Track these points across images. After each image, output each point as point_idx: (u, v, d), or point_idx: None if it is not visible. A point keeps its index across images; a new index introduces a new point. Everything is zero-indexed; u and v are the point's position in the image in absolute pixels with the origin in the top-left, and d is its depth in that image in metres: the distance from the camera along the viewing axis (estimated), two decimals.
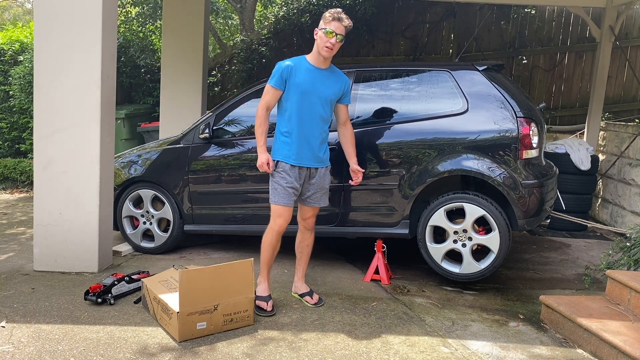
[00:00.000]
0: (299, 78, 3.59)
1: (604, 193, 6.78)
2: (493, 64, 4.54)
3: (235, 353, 3.10)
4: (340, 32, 3.58)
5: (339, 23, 3.57)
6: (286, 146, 3.63)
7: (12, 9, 19.16)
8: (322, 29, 3.59)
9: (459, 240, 4.12)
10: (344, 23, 3.59)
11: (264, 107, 3.64)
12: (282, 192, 3.63)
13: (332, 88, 3.69)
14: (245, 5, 10.46)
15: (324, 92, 3.65)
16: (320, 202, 3.83)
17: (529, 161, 4.11)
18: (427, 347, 3.24)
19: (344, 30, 3.60)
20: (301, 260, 3.98)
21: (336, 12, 3.60)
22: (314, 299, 3.90)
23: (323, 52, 3.59)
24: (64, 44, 4.14)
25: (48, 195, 4.26)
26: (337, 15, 3.59)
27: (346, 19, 3.61)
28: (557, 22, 9.03)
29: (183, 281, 3.19)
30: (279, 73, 3.60)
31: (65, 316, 3.50)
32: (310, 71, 3.63)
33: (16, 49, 8.91)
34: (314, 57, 3.66)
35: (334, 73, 3.75)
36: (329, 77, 3.70)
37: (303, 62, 3.66)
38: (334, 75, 3.73)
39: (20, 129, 8.80)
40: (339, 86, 3.73)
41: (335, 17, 3.58)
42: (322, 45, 3.56)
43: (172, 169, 4.81)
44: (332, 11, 3.62)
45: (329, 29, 3.55)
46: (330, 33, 3.55)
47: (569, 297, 3.83)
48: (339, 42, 3.59)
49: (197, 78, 7.17)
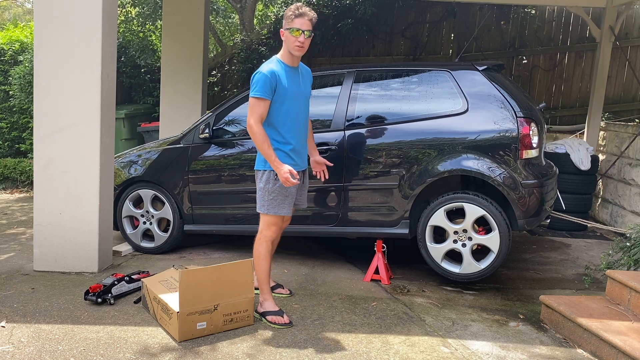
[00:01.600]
0: (284, 83, 3.43)
1: (604, 193, 6.78)
2: (493, 63, 4.54)
3: (235, 353, 3.10)
4: (306, 28, 3.39)
5: (302, 19, 3.38)
6: (285, 156, 3.48)
7: (12, 9, 19.17)
8: (287, 28, 3.41)
9: (459, 240, 4.12)
10: (307, 17, 3.39)
11: (259, 121, 3.37)
12: (284, 201, 3.51)
13: (308, 85, 3.69)
14: (245, 5, 10.46)
15: (305, 91, 3.63)
16: (305, 202, 3.82)
17: (529, 161, 4.11)
18: (427, 347, 3.24)
19: (309, 25, 3.40)
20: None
21: (297, 8, 3.40)
22: (286, 289, 3.98)
23: (295, 52, 3.43)
24: (64, 44, 4.14)
25: (48, 195, 4.26)
26: (299, 12, 3.38)
27: (309, 11, 3.41)
28: (557, 22, 9.03)
29: (183, 281, 3.19)
30: (267, 82, 3.35)
31: (65, 316, 3.50)
32: (290, 73, 3.49)
33: (16, 49, 8.91)
34: (287, 58, 3.49)
35: (304, 69, 3.69)
36: (303, 74, 3.65)
37: (281, 65, 3.47)
38: (305, 72, 3.69)
39: (20, 129, 8.80)
40: (310, 81, 3.71)
41: (297, 13, 3.38)
42: (292, 46, 3.41)
43: (172, 169, 4.81)
44: (293, 7, 3.41)
45: (294, 27, 3.39)
46: (297, 31, 3.37)
47: (569, 297, 3.83)
48: (307, 38, 3.43)
49: (197, 78, 7.17)
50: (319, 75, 4.79)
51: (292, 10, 3.41)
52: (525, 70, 9.06)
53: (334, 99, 4.48)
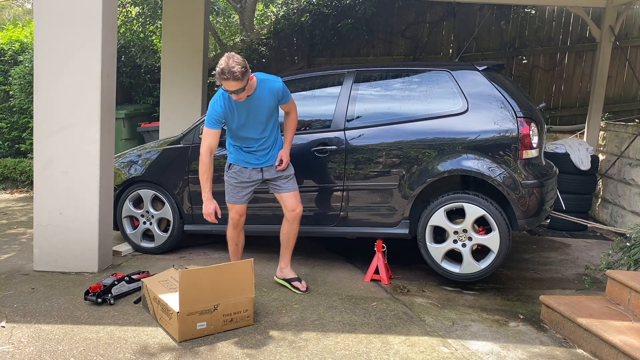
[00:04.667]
0: (233, 113, 3.74)
1: (604, 193, 6.78)
2: (493, 63, 4.54)
3: (235, 353, 3.10)
4: (235, 88, 3.50)
5: (227, 82, 3.47)
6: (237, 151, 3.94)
7: (12, 9, 19.17)
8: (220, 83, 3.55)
9: (459, 240, 4.12)
10: (233, 78, 3.44)
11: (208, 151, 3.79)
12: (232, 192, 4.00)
13: (267, 102, 3.77)
14: (245, 5, 10.45)
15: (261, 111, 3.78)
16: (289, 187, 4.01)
17: (529, 161, 4.11)
18: (427, 347, 3.24)
19: (238, 84, 3.48)
20: (288, 247, 4.11)
21: (221, 72, 3.44)
22: (304, 284, 4.05)
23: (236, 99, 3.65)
24: (64, 44, 4.14)
25: (48, 195, 4.26)
26: (224, 76, 3.44)
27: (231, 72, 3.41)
28: (557, 22, 9.02)
29: (183, 281, 3.19)
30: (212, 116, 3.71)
31: (65, 316, 3.50)
32: (238, 103, 3.70)
33: (16, 49, 8.92)
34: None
35: (263, 90, 3.73)
36: (259, 97, 3.73)
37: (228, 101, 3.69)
38: (261, 93, 3.74)
39: (20, 129, 8.80)
40: (271, 96, 3.78)
41: (222, 77, 3.46)
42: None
43: (172, 169, 4.81)
44: (219, 70, 3.45)
45: (225, 88, 3.55)
46: (228, 91, 3.55)
47: (569, 297, 3.83)
48: (241, 93, 3.55)
49: (197, 78, 7.17)
50: (319, 75, 4.79)
51: (218, 73, 3.48)
52: (525, 70, 9.06)
53: (334, 99, 4.48)
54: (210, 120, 3.75)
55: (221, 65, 3.46)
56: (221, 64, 3.47)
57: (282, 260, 4.18)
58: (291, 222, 4.05)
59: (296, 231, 4.08)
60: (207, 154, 3.77)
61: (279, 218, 4.20)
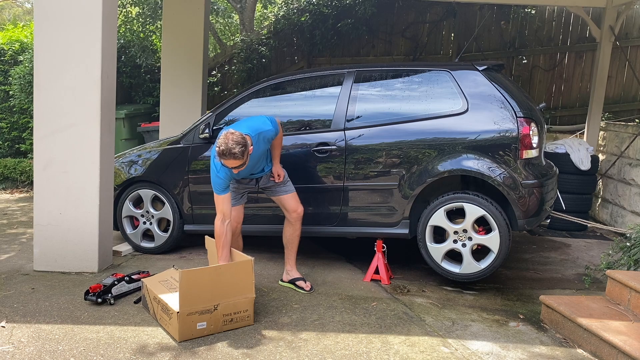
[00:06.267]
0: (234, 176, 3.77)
1: (604, 193, 6.78)
2: (493, 63, 4.54)
3: (235, 353, 3.10)
4: (236, 165, 3.54)
5: (228, 161, 3.51)
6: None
7: (12, 9, 19.16)
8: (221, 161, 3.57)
9: (459, 240, 4.12)
10: (233, 158, 3.48)
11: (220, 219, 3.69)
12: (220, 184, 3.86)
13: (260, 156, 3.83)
14: (245, 5, 10.45)
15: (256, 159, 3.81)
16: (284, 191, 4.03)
17: (529, 161, 4.11)
18: (427, 347, 3.24)
19: (238, 162, 3.52)
20: (292, 250, 4.12)
21: (222, 154, 3.49)
22: (308, 284, 4.05)
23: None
24: (64, 44, 4.14)
25: (48, 195, 4.26)
26: (225, 157, 3.49)
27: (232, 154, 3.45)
28: (557, 22, 9.02)
29: (183, 281, 3.19)
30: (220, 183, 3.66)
31: (65, 316, 3.50)
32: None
33: (16, 49, 8.91)
34: None
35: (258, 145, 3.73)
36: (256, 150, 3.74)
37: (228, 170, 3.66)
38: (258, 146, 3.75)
39: (20, 129, 8.79)
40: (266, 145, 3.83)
41: (223, 158, 3.50)
42: None
43: (172, 169, 4.80)
44: (219, 152, 3.50)
45: (226, 166, 3.57)
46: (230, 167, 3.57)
47: (569, 297, 3.83)
48: (242, 167, 3.58)
49: (197, 78, 7.17)
50: (319, 75, 4.79)
51: (219, 152, 3.50)
52: (525, 70, 9.05)
53: (334, 99, 4.48)
54: (218, 188, 3.69)
55: (221, 147, 3.47)
56: (220, 145, 3.48)
57: (287, 263, 4.17)
58: (294, 224, 4.05)
59: (299, 232, 4.09)
60: (221, 224, 3.67)
61: (279, 218, 4.20)
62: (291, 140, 4.41)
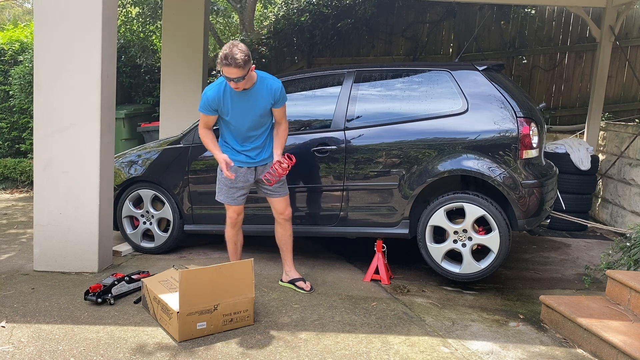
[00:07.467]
0: (227, 103, 3.72)
1: (604, 193, 6.78)
2: (493, 63, 4.54)
3: (234, 353, 3.10)
4: (236, 76, 3.47)
5: (229, 68, 3.43)
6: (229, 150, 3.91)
7: (12, 9, 19.17)
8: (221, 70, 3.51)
9: (459, 240, 4.12)
10: (235, 65, 3.41)
11: (203, 127, 3.92)
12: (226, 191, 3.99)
13: (264, 100, 3.76)
14: (245, 5, 10.45)
15: (256, 106, 3.76)
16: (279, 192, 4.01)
17: (529, 161, 4.11)
18: (427, 347, 3.24)
19: (239, 72, 3.45)
20: (287, 250, 4.14)
21: (224, 57, 3.42)
22: (308, 285, 4.06)
23: (234, 89, 3.63)
24: (63, 44, 4.14)
25: (48, 195, 4.26)
26: (226, 61, 3.42)
27: (234, 59, 3.39)
28: (557, 22, 9.02)
29: (183, 281, 3.19)
30: (206, 104, 3.74)
31: (65, 316, 3.50)
32: (235, 94, 3.69)
33: (16, 49, 8.91)
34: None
35: (262, 86, 3.73)
36: (257, 92, 3.72)
37: (226, 89, 3.68)
38: (260, 89, 3.74)
39: (20, 129, 8.79)
40: (269, 95, 3.77)
41: (224, 63, 3.43)
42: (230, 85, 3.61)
43: (172, 169, 4.81)
44: (222, 55, 3.44)
45: (225, 74, 3.52)
46: (227, 78, 3.52)
47: (569, 297, 3.83)
48: (240, 82, 3.53)
49: (197, 78, 7.17)
50: (319, 75, 4.79)
51: (221, 57, 3.46)
52: (525, 70, 9.05)
53: (334, 99, 4.48)
54: (204, 105, 3.78)
55: (224, 51, 3.45)
56: (225, 50, 3.46)
57: (285, 264, 4.18)
58: (283, 225, 4.08)
59: (290, 232, 4.10)
60: (201, 129, 3.89)
61: None
62: (291, 140, 4.40)
